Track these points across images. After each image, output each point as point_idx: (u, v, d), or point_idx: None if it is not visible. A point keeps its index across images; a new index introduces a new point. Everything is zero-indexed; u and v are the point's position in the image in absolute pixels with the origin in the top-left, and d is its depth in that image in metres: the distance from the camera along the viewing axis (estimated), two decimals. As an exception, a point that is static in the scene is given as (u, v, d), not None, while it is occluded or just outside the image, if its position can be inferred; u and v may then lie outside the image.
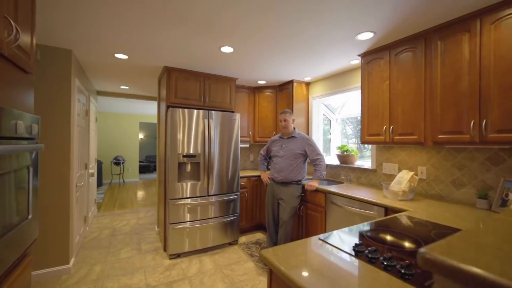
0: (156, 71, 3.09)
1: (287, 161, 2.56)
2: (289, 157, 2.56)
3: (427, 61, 1.88)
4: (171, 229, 2.67)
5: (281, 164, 2.56)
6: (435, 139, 1.82)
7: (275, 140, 2.75)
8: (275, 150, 2.70)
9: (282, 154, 2.60)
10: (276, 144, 2.72)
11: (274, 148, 2.72)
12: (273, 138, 2.81)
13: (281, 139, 2.70)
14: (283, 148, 2.62)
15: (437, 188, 2.08)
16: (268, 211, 2.68)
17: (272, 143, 2.78)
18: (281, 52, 2.43)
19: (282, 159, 2.58)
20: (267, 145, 2.85)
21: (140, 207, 4.83)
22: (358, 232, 1.20)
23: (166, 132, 2.86)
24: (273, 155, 2.71)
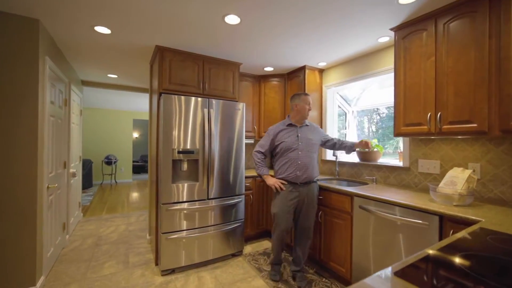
0: (147, 53, 2.64)
1: (309, 154, 2.13)
2: (310, 150, 2.14)
3: (494, 28, 1.46)
4: (164, 240, 2.22)
5: (304, 159, 2.09)
6: (505, 126, 1.41)
7: (283, 130, 2.16)
8: (288, 142, 2.10)
9: (302, 147, 2.11)
10: (286, 134, 2.14)
11: (287, 139, 2.11)
12: (277, 128, 2.18)
13: (292, 127, 2.17)
14: (300, 138, 2.13)
15: (496, 190, 1.67)
16: (285, 222, 2.07)
17: (279, 134, 2.15)
18: (297, 29, 2.00)
19: (304, 152, 2.10)
20: (268, 138, 2.17)
21: (132, 211, 4.36)
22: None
23: (158, 124, 2.42)
24: (286, 149, 2.10)
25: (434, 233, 1.45)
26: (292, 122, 2.17)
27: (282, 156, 2.13)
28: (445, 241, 0.93)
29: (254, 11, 1.78)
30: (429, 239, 1.47)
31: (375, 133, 3.08)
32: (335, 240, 2.14)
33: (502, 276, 0.68)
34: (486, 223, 1.19)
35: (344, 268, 2.05)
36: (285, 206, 2.07)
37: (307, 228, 2.14)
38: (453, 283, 0.65)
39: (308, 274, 2.25)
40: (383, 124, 3.02)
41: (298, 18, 1.88)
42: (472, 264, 0.75)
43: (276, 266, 2.20)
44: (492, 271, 0.71)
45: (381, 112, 3.02)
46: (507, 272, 0.70)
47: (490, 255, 0.82)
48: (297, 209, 2.12)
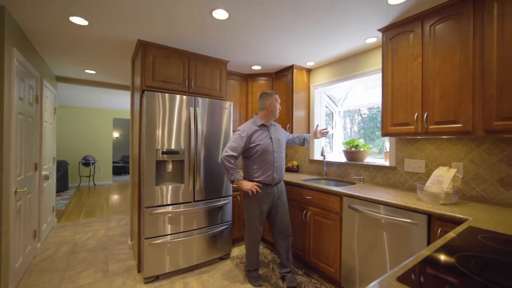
0: (128, 47, 2.49)
1: (281, 155, 2.15)
2: (282, 151, 2.17)
3: (478, 30, 1.50)
4: (147, 245, 2.10)
5: (279, 161, 2.10)
6: (488, 127, 1.45)
7: (257, 131, 2.06)
8: (264, 145, 2.03)
9: (276, 148, 2.10)
10: (261, 136, 2.06)
11: (262, 141, 2.04)
12: (250, 128, 2.05)
13: (263, 127, 2.10)
14: (273, 140, 2.10)
15: (478, 189, 1.72)
16: (261, 225, 2.07)
17: (253, 135, 2.04)
18: (287, 27, 1.96)
19: (278, 154, 2.11)
20: (241, 141, 2.00)
21: (112, 215, 4.14)
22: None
23: (140, 123, 2.28)
24: (262, 151, 2.02)
25: (423, 231, 1.47)
26: (263, 123, 2.11)
27: (258, 158, 2.04)
28: (440, 242, 0.92)
29: (243, 6, 1.72)
30: (419, 238, 1.48)
31: (357, 133, 3.12)
32: (324, 240, 2.12)
33: (503, 279, 0.67)
34: (474, 222, 1.21)
35: (333, 268, 2.03)
36: (261, 209, 2.05)
37: (287, 226, 2.13)
38: (455, 286, 0.63)
39: (297, 276, 2.22)
40: (364, 124, 3.08)
41: (288, 15, 1.84)
42: (470, 266, 0.73)
43: (255, 272, 2.13)
44: (491, 272, 0.70)
45: (363, 113, 3.07)
46: (509, 275, 0.69)
47: (485, 255, 0.81)
48: (272, 209, 2.12)
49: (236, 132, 2.06)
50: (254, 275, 2.11)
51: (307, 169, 3.16)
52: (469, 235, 1.01)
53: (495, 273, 0.69)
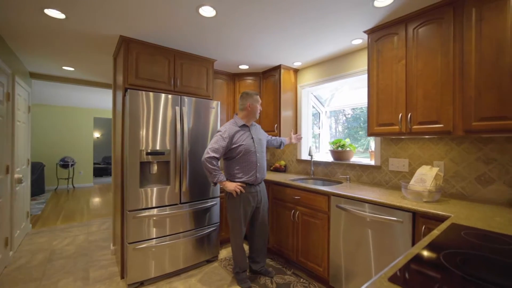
0: (109, 44, 2.38)
1: (263, 155, 2.17)
2: (263, 150, 2.19)
3: (457, 34, 1.56)
4: (130, 250, 2.01)
5: (261, 161, 2.12)
6: (467, 127, 1.51)
7: (238, 131, 2.06)
8: (247, 145, 2.03)
9: (258, 149, 2.10)
10: (243, 136, 2.05)
11: (245, 142, 2.03)
12: (232, 129, 2.03)
13: (244, 128, 2.10)
14: (255, 140, 2.11)
15: (457, 186, 1.80)
16: (245, 226, 2.08)
17: (235, 135, 2.02)
18: (275, 26, 1.95)
19: (260, 154, 2.12)
20: (223, 141, 1.97)
21: (93, 219, 3.95)
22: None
23: (123, 123, 2.19)
24: (245, 152, 2.02)
25: (408, 229, 1.51)
26: (244, 123, 2.11)
27: (240, 159, 2.03)
28: (426, 240, 0.94)
29: (231, 4, 1.69)
30: (404, 235, 1.52)
31: (342, 133, 3.18)
32: (312, 240, 2.13)
33: (489, 275, 0.69)
34: (456, 218, 1.25)
35: (321, 267, 2.05)
36: (246, 210, 2.05)
37: (266, 225, 2.21)
38: (447, 285, 0.64)
39: (286, 276, 2.22)
40: (349, 124, 3.14)
41: (276, 15, 1.83)
42: (457, 263, 0.75)
43: (244, 273, 2.12)
44: (476, 269, 0.72)
45: (347, 113, 3.14)
46: (494, 272, 0.71)
47: (469, 252, 0.83)
48: (256, 209, 2.14)
49: (217, 133, 2.03)
50: (242, 277, 2.08)
51: (295, 169, 3.17)
52: (453, 232, 1.04)
53: (480, 269, 0.71)
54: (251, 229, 2.21)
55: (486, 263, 0.75)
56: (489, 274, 0.69)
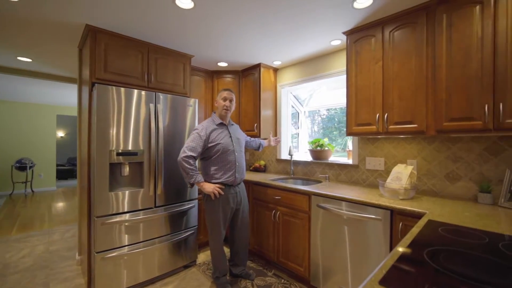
0: (74, 33, 2.16)
1: (242, 154, 2.10)
2: (242, 150, 2.13)
3: (430, 38, 1.64)
4: (99, 260, 1.84)
5: (240, 161, 2.05)
6: (439, 127, 1.59)
7: (215, 129, 1.98)
8: (225, 144, 1.95)
9: (236, 148, 2.03)
10: (220, 134, 1.97)
11: (222, 141, 1.95)
12: (209, 127, 1.95)
13: (221, 126, 2.03)
14: (233, 139, 2.04)
15: (429, 183, 1.89)
16: (225, 228, 2.00)
17: (211, 134, 1.94)
18: (255, 23, 1.90)
19: (239, 153, 2.05)
20: (200, 140, 1.88)
21: (55, 226, 3.60)
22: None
23: (90, 120, 2.00)
24: (223, 151, 1.94)
25: (386, 226, 1.54)
26: (221, 121, 2.03)
27: (218, 158, 1.94)
28: (409, 238, 0.96)
29: (210, -4, 1.61)
30: (383, 232, 1.56)
31: (317, 133, 3.24)
32: (293, 240, 2.12)
33: (473, 272, 0.70)
34: (431, 215, 1.30)
35: (302, 267, 2.05)
36: (225, 212, 1.97)
37: (247, 225, 2.15)
38: (437, 285, 0.63)
39: (267, 277, 2.19)
40: (324, 125, 3.21)
41: (257, 11, 1.78)
42: (440, 261, 0.76)
43: (224, 278, 2.04)
44: (459, 265, 0.73)
45: (322, 113, 3.20)
46: (476, 269, 0.73)
47: (450, 249, 0.85)
48: (236, 211, 2.08)
49: (194, 131, 1.95)
50: (222, 281, 2.01)
51: (275, 168, 3.16)
52: (431, 228, 1.07)
53: (464, 267, 0.73)
54: (232, 231, 2.14)
55: (467, 260, 0.77)
56: (473, 271, 0.70)
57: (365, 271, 1.64)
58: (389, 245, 1.53)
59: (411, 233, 1.01)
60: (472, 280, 0.65)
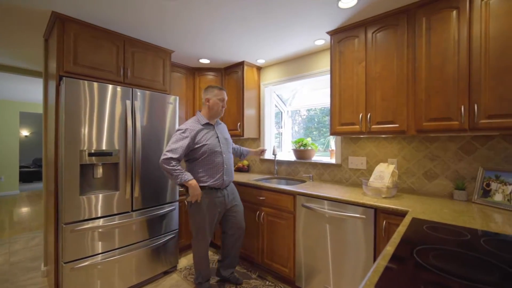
0: (38, 21, 1.95)
1: (230, 155, 2.01)
2: (230, 151, 2.03)
3: (410, 41, 1.68)
4: (67, 271, 1.68)
5: (228, 162, 1.95)
6: (419, 127, 1.64)
7: (202, 130, 1.87)
8: (211, 145, 1.85)
9: (224, 149, 1.94)
10: (207, 135, 1.87)
11: (209, 141, 1.85)
12: (194, 127, 1.85)
13: (208, 126, 1.92)
14: (220, 139, 1.95)
15: (408, 181, 1.95)
16: (211, 233, 1.90)
17: (197, 134, 1.84)
18: (239, 17, 1.84)
19: (227, 155, 1.95)
20: (184, 141, 1.78)
21: (17, 234, 3.27)
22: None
23: (57, 118, 1.82)
24: (210, 153, 1.84)
25: (370, 224, 1.56)
26: (208, 121, 1.92)
27: (205, 160, 1.84)
28: (397, 237, 0.95)
29: (192, -13, 1.52)
30: (368, 231, 1.57)
31: (297, 133, 3.26)
32: (277, 241, 2.09)
33: (461, 269, 0.70)
34: (414, 213, 1.33)
35: (287, 268, 2.02)
36: (211, 216, 1.86)
37: (241, 228, 2.03)
38: (429, 285, 0.62)
39: (251, 280, 2.14)
40: (304, 125, 3.24)
41: (240, 5, 1.72)
42: (430, 260, 0.76)
43: (207, 283, 1.95)
44: (449, 264, 0.73)
45: (302, 114, 3.23)
46: (464, 266, 0.73)
47: (436, 247, 0.86)
48: (226, 213, 1.98)
49: (176, 132, 1.83)
50: (205, 287, 1.93)
51: (258, 168, 3.12)
52: (416, 227, 1.09)
53: (452, 265, 0.73)
54: (223, 234, 2.06)
55: (455, 258, 0.78)
56: (463, 269, 0.70)
57: (351, 270, 1.65)
58: (373, 243, 1.55)
59: (398, 232, 1.01)
60: (464, 280, 0.65)
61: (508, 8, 1.33)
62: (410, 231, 1.02)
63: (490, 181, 1.54)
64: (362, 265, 1.60)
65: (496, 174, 1.53)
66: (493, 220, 1.21)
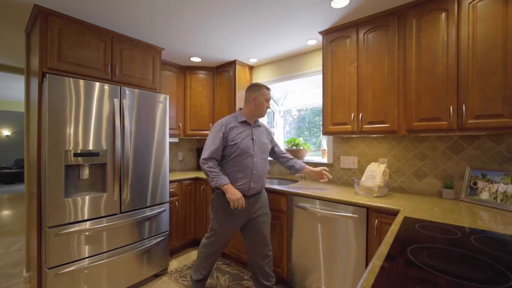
0: (19, 14, 1.86)
1: (264, 162, 1.79)
2: (265, 157, 1.81)
3: (401, 41, 1.70)
4: (51, 277, 1.61)
5: (260, 169, 1.74)
6: (409, 127, 1.66)
7: (235, 127, 1.72)
8: (243, 145, 1.68)
9: (257, 153, 1.74)
10: (240, 134, 1.71)
11: (241, 141, 1.68)
12: (228, 123, 1.72)
13: (245, 125, 1.76)
14: (256, 142, 1.76)
15: (399, 181, 1.98)
16: (226, 240, 1.77)
17: (231, 131, 1.70)
18: (231, 14, 1.81)
19: (259, 160, 1.74)
20: (219, 139, 1.66)
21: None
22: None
23: (40, 117, 1.73)
24: (239, 153, 1.67)
25: (362, 223, 1.57)
26: (246, 119, 1.78)
27: (232, 161, 1.69)
28: (390, 236, 0.96)
29: (183, -17, 1.48)
30: (360, 229, 1.58)
31: (288, 133, 3.27)
32: (272, 239, 2.08)
33: (455, 268, 0.71)
34: (405, 212, 1.35)
35: (280, 268, 2.01)
36: (230, 223, 1.72)
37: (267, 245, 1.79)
38: (424, 284, 0.62)
39: (244, 281, 2.12)
40: (295, 125, 3.25)
41: (234, 3, 1.69)
42: (423, 259, 0.76)
43: (204, 282, 1.86)
44: (444, 263, 0.74)
45: (293, 114, 3.24)
46: (458, 265, 0.74)
47: (429, 246, 0.87)
48: (248, 223, 1.78)
49: (212, 128, 1.73)
50: (201, 285, 1.87)
51: (250, 168, 3.09)
52: (408, 225, 1.10)
53: (448, 263, 0.73)
54: (248, 249, 1.83)
55: (448, 257, 0.78)
56: (457, 268, 0.71)
57: (344, 269, 1.66)
58: (365, 242, 1.56)
59: (391, 231, 1.02)
60: (458, 278, 0.65)
61: (494, 11, 1.37)
62: (403, 230, 1.03)
63: (477, 179, 1.58)
64: (355, 264, 1.61)
65: (482, 173, 1.57)
66: (480, 217, 1.24)
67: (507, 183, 1.44)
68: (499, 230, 1.05)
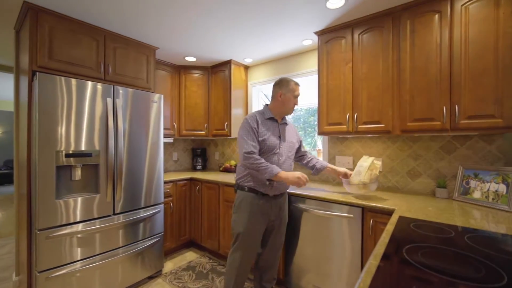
0: (8, 10, 1.81)
1: (290, 161, 1.71)
2: (291, 156, 1.73)
3: (395, 42, 1.72)
4: (42, 281, 1.57)
5: (285, 168, 1.66)
6: (404, 127, 1.68)
7: (263, 123, 1.63)
8: (269, 142, 1.59)
9: (283, 151, 1.66)
10: (267, 130, 1.62)
11: (268, 138, 1.60)
12: (257, 118, 1.63)
13: (272, 122, 1.68)
14: (283, 140, 1.68)
15: (393, 180, 2.00)
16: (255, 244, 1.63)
17: (259, 126, 1.60)
18: (226, 13, 1.80)
19: (284, 158, 1.66)
20: (252, 133, 1.57)
21: (-15, 241, 3.03)
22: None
23: (30, 116, 1.69)
24: (265, 150, 1.59)
25: (358, 223, 1.58)
26: (273, 116, 1.69)
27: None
28: (386, 236, 0.96)
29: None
30: (355, 229, 1.59)
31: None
32: (266, 241, 2.07)
33: (451, 267, 0.71)
34: (400, 211, 1.36)
35: (276, 268, 2.01)
36: (257, 223, 1.59)
37: (280, 244, 1.78)
38: (421, 283, 0.62)
39: (240, 282, 2.11)
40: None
41: (230, 2, 1.68)
42: (419, 258, 0.76)
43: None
44: (440, 262, 0.74)
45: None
46: (453, 264, 0.75)
47: (424, 245, 0.88)
48: (268, 226, 1.70)
49: (242, 124, 1.62)
50: None
51: (246, 168, 3.08)
52: (403, 225, 1.10)
53: (443, 263, 0.74)
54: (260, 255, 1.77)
55: (443, 256, 0.79)
56: (453, 267, 0.72)
57: (340, 269, 1.67)
58: (361, 241, 1.57)
59: (387, 231, 1.02)
60: (453, 277, 0.66)
61: (486, 13, 1.39)
62: (398, 230, 1.04)
63: (470, 179, 1.60)
64: (351, 263, 1.61)
65: (474, 173, 1.60)
66: (472, 216, 1.26)
67: (498, 182, 1.47)
68: (491, 229, 1.06)
